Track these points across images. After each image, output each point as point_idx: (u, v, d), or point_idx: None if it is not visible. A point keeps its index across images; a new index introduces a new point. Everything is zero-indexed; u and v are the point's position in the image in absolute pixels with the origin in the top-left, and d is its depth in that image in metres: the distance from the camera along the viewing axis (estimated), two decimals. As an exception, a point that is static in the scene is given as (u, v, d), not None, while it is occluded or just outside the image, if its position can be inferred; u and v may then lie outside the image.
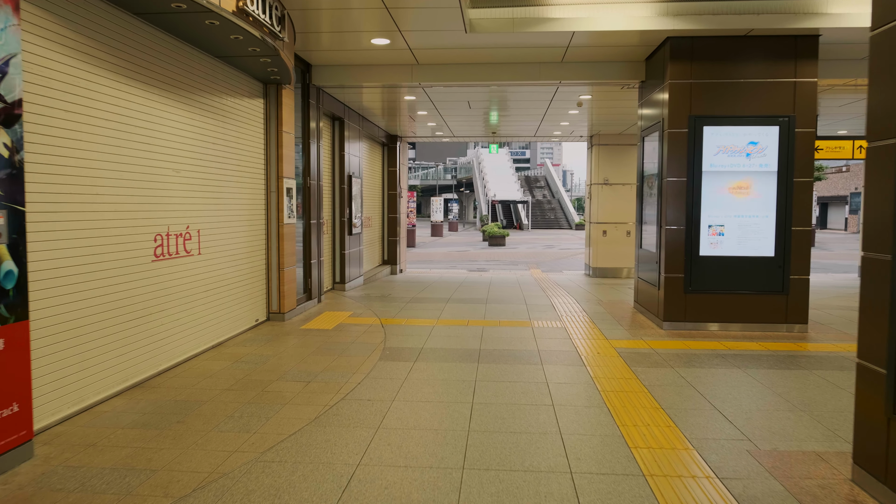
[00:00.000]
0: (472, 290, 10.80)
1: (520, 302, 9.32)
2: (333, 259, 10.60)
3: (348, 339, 6.60)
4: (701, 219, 7.08)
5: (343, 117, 10.39)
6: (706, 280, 7.10)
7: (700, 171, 7.05)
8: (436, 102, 10.32)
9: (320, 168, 9.09)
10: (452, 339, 6.64)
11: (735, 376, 5.22)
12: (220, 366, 5.48)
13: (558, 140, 15.50)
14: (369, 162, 13.27)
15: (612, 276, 13.95)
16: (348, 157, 10.70)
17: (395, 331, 7.07)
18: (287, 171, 7.62)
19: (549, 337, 6.78)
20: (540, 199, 56.64)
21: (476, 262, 19.64)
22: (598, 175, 14.15)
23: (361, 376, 5.17)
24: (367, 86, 8.74)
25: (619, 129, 13.27)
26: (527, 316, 8.10)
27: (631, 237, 14.08)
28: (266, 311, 7.57)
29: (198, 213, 5.85)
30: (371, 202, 13.51)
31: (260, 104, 7.33)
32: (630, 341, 6.58)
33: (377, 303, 9.23)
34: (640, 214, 8.38)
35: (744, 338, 6.77)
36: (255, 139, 7.22)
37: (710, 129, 7.03)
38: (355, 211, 11.01)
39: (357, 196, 11.14)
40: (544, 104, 10.38)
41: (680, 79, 7.05)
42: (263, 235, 7.43)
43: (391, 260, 14.66)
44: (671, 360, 5.74)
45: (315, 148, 8.86)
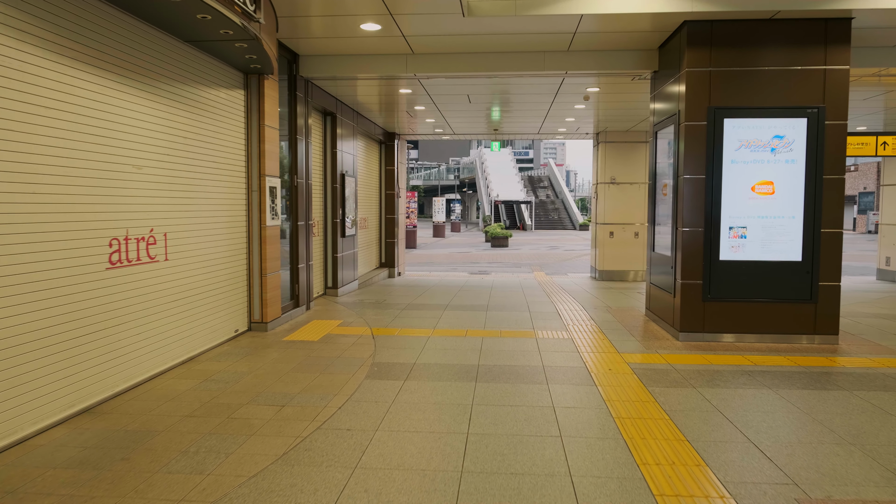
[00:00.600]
0: (473, 295, 10.20)
1: (523, 309, 8.72)
2: (325, 263, 10.01)
3: (334, 353, 6.01)
4: (721, 220, 6.46)
5: (335, 112, 9.80)
6: (727, 287, 6.48)
7: (720, 168, 6.44)
8: (434, 97, 9.72)
9: (309, 166, 8.51)
10: (449, 352, 6.05)
11: (766, 399, 4.61)
12: (187, 385, 4.89)
13: (563, 138, 14.89)
14: (365, 160, 12.69)
15: (619, 279, 13.33)
16: (341, 154, 10.11)
17: (386, 343, 6.48)
18: (270, 168, 7.03)
19: (554, 350, 6.17)
20: (543, 200, 56.01)
21: (478, 263, 19.04)
22: (605, 174, 13.54)
23: (343, 399, 4.57)
24: (359, 77, 8.16)
25: (627, 125, 12.66)
26: (530, 325, 7.49)
27: (639, 239, 13.46)
28: (247, 320, 6.98)
29: (165, 214, 5.27)
30: (367, 202, 12.93)
31: (240, 96, 6.75)
32: (644, 355, 5.97)
33: (370, 310, 8.64)
34: (653, 215, 7.77)
35: (769, 351, 6.16)
36: (235, 134, 6.64)
37: (731, 121, 6.41)
38: (349, 211, 10.42)
39: (351, 196, 10.56)
40: (549, 98, 9.77)
41: (698, 67, 6.44)
42: (244, 238, 6.85)
43: (389, 263, 14.07)
44: (692, 379, 5.13)
45: (303, 144, 8.27)
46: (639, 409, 4.35)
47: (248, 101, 6.87)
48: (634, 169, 13.50)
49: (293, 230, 8.05)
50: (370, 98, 9.99)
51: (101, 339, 4.44)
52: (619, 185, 13.54)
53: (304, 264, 8.29)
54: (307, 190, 8.43)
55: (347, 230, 10.35)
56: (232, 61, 6.30)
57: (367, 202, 12.96)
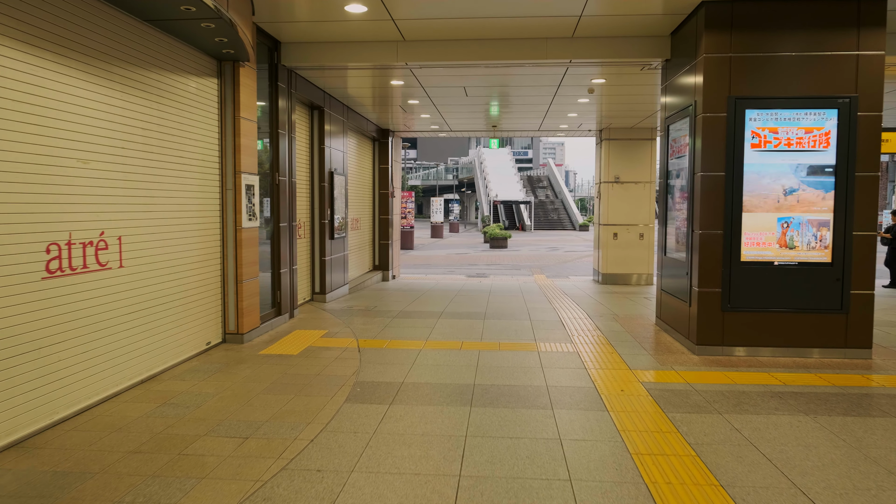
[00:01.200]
0: (470, 300, 9.60)
1: (523, 316, 8.11)
2: (312, 267, 9.39)
3: (313, 370, 5.40)
4: (742, 221, 5.86)
5: (323, 106, 9.19)
6: (748, 295, 5.88)
7: (741, 164, 5.84)
8: (428, 89, 9.12)
9: (293, 163, 7.90)
10: (441, 369, 5.44)
11: (805, 428, 4.00)
12: (140, 411, 4.28)
13: (564, 135, 14.28)
14: (357, 158, 12.08)
15: (623, 282, 12.73)
16: (329, 151, 9.50)
17: (372, 357, 5.87)
18: (247, 164, 6.42)
19: (559, 366, 5.57)
20: (543, 200, 55.41)
21: (476, 265, 18.44)
22: (608, 172, 12.94)
23: (317, 428, 3.96)
24: (345, 67, 7.55)
25: (632, 121, 12.05)
26: (531, 336, 6.88)
27: (644, 241, 12.86)
28: (221, 331, 6.37)
29: (119, 215, 4.66)
30: (359, 202, 12.32)
31: (213, 85, 6.14)
32: (659, 372, 5.37)
33: (359, 318, 8.02)
34: (664, 215, 7.16)
35: (796, 367, 5.56)
36: (207, 126, 6.03)
37: (753, 112, 5.81)
38: (338, 212, 9.81)
39: (341, 195, 9.95)
40: (550, 91, 9.17)
41: (717, 52, 5.84)
42: (218, 242, 6.24)
43: (382, 265, 13.46)
44: (716, 402, 4.52)
45: (286, 139, 7.66)
46: (659, 441, 3.75)
47: (222, 90, 6.25)
48: (639, 167, 12.91)
49: (275, 232, 7.43)
50: (360, 91, 9.38)
51: (36, 360, 3.83)
52: (623, 184, 12.94)
53: (287, 269, 7.68)
54: (291, 189, 7.82)
55: (336, 231, 9.74)
56: (202, 45, 5.69)
57: (360, 202, 12.35)
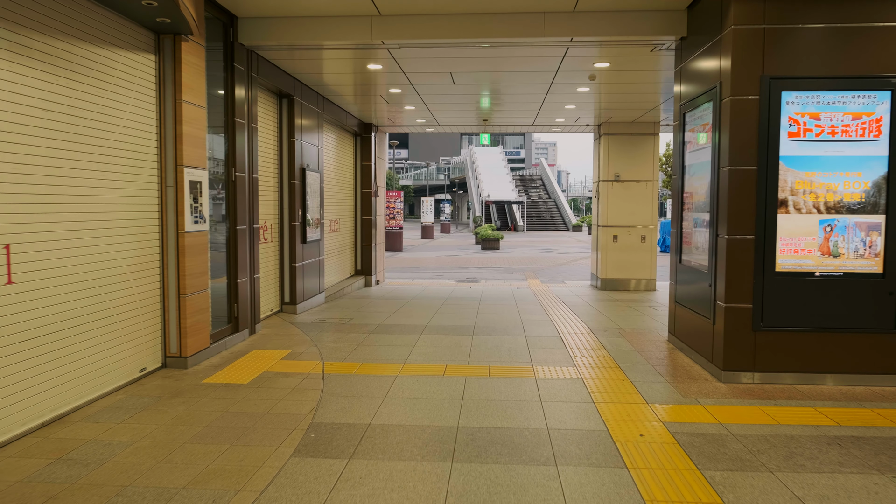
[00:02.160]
0: (458, 310, 8.65)
1: (517, 331, 7.17)
2: (281, 274, 8.41)
3: (263, 406, 4.43)
4: (778, 223, 4.95)
5: (293, 94, 8.21)
6: (785, 311, 4.96)
7: (776, 156, 4.92)
8: (410, 76, 8.16)
9: (254, 157, 6.92)
10: (419, 404, 4.48)
11: (889, 496, 3.07)
12: (22, 473, 3.30)
13: (560, 130, 13.37)
14: (337, 154, 11.10)
15: (623, 288, 11.82)
16: (301, 145, 8.53)
17: (337, 387, 4.91)
18: (191, 156, 5.44)
19: (561, 398, 4.63)
20: (535, 200, 54.59)
21: (467, 269, 17.49)
22: (608, 170, 12.03)
23: (249, 499, 3.00)
24: (311, 46, 6.58)
25: (634, 115, 11.14)
26: (527, 356, 5.94)
27: (647, 243, 11.95)
28: (161, 355, 5.39)
29: (7, 218, 3.68)
30: (339, 202, 11.34)
31: (149, 62, 5.16)
32: (682, 408, 4.43)
33: (330, 334, 7.05)
34: (679, 216, 6.25)
35: (845, 399, 4.64)
36: (141, 112, 5.05)
37: (791, 95, 4.90)
38: (311, 212, 8.84)
39: (314, 194, 8.97)
40: (547, 77, 8.23)
41: (748, 23, 4.92)
42: (156, 248, 5.26)
43: (365, 270, 12.48)
44: (762, 452, 3.59)
45: (246, 130, 6.68)
46: (701, 520, 2.81)
47: (161, 69, 5.27)
48: (641, 164, 12.00)
49: (231, 236, 6.45)
50: (335, 77, 8.41)
51: None
52: (623, 182, 12.03)
53: (246, 278, 6.70)
54: (251, 186, 6.84)
55: (309, 234, 8.76)
56: (128, 11, 4.71)
57: (340, 202, 11.37)
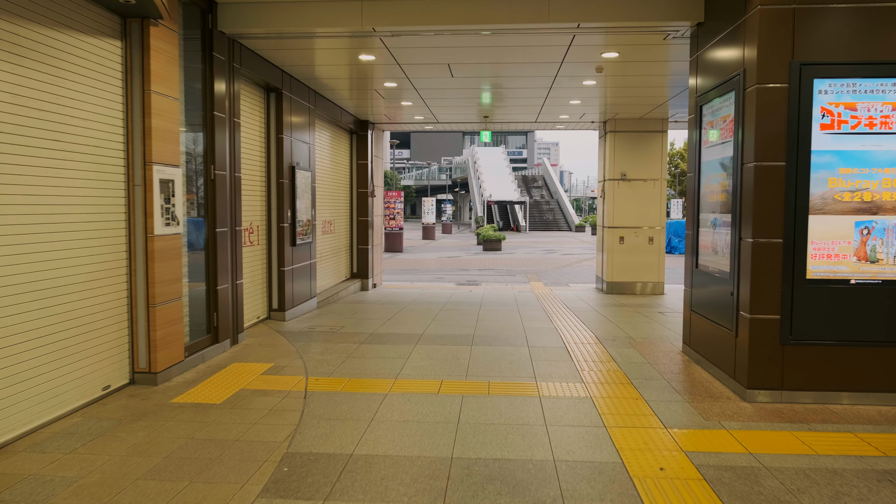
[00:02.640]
0: (457, 317, 8.17)
1: (519, 340, 6.69)
2: (269, 279, 7.93)
3: (234, 431, 3.95)
4: (809, 225, 4.46)
5: (281, 88, 7.74)
6: (817, 323, 4.47)
7: (808, 151, 4.43)
8: (405, 67, 7.68)
9: (236, 154, 6.44)
10: (409, 428, 4.00)
11: (961, 552, 2.59)
12: (-58, 518, 2.84)
13: (564, 127, 12.87)
14: (331, 152, 10.63)
15: (629, 291, 11.33)
16: (291, 142, 8.05)
17: (320, 407, 4.43)
18: (162, 153, 4.96)
19: (568, 422, 4.14)
20: (538, 200, 54.11)
21: (467, 270, 17.01)
22: (614, 169, 11.54)
23: (199, 557, 2.52)
24: (297, 34, 6.10)
25: (641, 111, 10.65)
26: (530, 370, 5.46)
27: (654, 245, 11.46)
28: (129, 370, 4.91)
29: (-65, 220, 3.21)
30: (333, 203, 10.87)
31: (114, 48, 4.69)
32: (706, 433, 3.94)
33: (319, 344, 6.57)
34: (695, 217, 5.76)
35: (887, 422, 4.15)
36: (105, 103, 4.58)
37: (824, 83, 4.40)
38: (302, 213, 8.36)
39: (305, 194, 8.50)
40: (551, 70, 7.75)
41: (776, 3, 4.43)
42: (122, 254, 4.79)
43: (361, 273, 12.00)
44: (803, 492, 3.10)
45: (227, 125, 6.21)
46: (741, 586, 2.32)
47: (128, 56, 4.80)
48: (648, 163, 11.51)
49: (210, 239, 5.98)
50: (325, 70, 7.93)
51: None
52: (630, 181, 11.54)
53: (227, 284, 6.23)
54: (233, 186, 6.37)
55: (300, 236, 8.28)
56: (87, -9, 4.24)
57: (334, 203, 10.90)
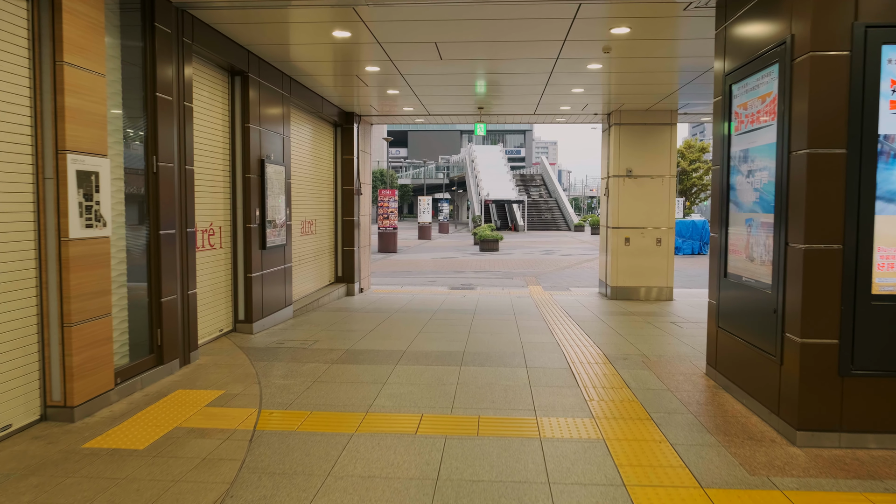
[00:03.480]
0: (447, 328, 7.30)
1: (516, 360, 5.82)
2: (234, 286, 7.04)
3: (146, 495, 3.07)
4: (875, 228, 3.59)
5: (246, 71, 6.85)
6: (886, 349, 3.61)
7: (874, 134, 3.57)
8: (386, 47, 6.80)
9: (187, 143, 5.56)
10: (373, 491, 3.12)
11: None
12: None
13: (565, 120, 11.99)
14: (312, 146, 9.75)
15: (636, 297, 10.47)
16: (259, 133, 7.17)
17: (266, 455, 3.55)
18: (80, 139, 4.08)
19: (578, 480, 3.27)
20: (536, 199, 53.24)
21: (463, 272, 16.15)
22: (618, 165, 10.67)
23: None
24: (260, 3, 5.22)
25: (649, 101, 9.79)
26: (528, 400, 4.59)
27: (663, 247, 10.60)
28: (40, 404, 4.03)
29: None
30: (315, 201, 9.99)
31: (17, 10, 3.81)
32: (752, 495, 3.07)
33: (284, 364, 5.69)
34: (723, 216, 4.89)
35: (979, 475, 3.29)
36: (7, 75, 3.70)
37: (895, 50, 3.55)
38: (274, 212, 7.48)
39: (278, 191, 7.62)
40: (553, 51, 6.87)
41: (835, -50, 3.56)
42: (31, 261, 3.91)
43: (347, 277, 11.12)
44: None
45: (176, 109, 5.33)
46: None
47: (35, 19, 3.92)
48: (656, 158, 10.65)
49: (152, 242, 5.09)
50: (297, 51, 7.03)
51: None
52: (636, 178, 10.68)
53: (175, 295, 5.34)
54: (184, 180, 5.48)
55: (270, 238, 7.40)
56: (-32, -69, 3.36)
57: (316, 201, 10.02)
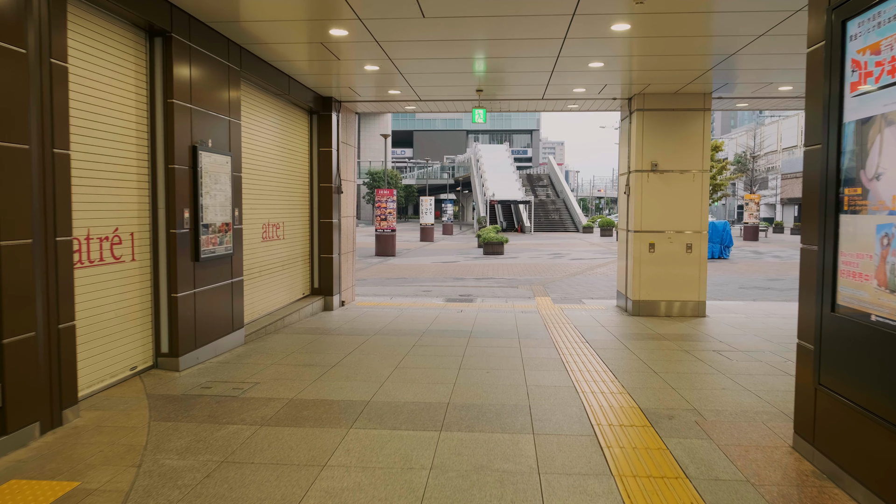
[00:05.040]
0: (431, 362, 5.73)
1: (519, 420, 4.23)
2: (156, 310, 5.46)
3: None
4: None
5: (169, 30, 5.28)
6: None
7: None
8: (352, 1, 5.22)
9: (57, 117, 4.00)
10: None
11: None
12: None
13: (578, 107, 10.38)
14: (278, 135, 8.20)
15: (661, 312, 8.88)
16: (191, 112, 5.61)
17: None
18: None
19: None
20: (543, 199, 51.63)
21: (463, 280, 14.57)
22: (641, 158, 9.08)
23: None
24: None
25: (679, 81, 8.19)
26: (537, 496, 3.00)
27: (694, 254, 9.00)
28: None
29: None
30: (285, 200, 8.45)
31: None
32: None
33: (194, 427, 4.11)
34: (825, 222, 3.28)
35: None
36: None
37: None
38: (214, 214, 5.93)
39: (220, 186, 6.07)
40: (567, 7, 5.29)
41: None
42: None
43: (325, 288, 9.55)
44: None
45: (33, 66, 3.78)
46: None
47: None
48: (686, 150, 9.05)
49: (-7, 259, 3.54)
50: (246, 7, 5.46)
51: None
52: (662, 173, 9.08)
53: (35, 332, 3.79)
54: (50, 169, 3.93)
55: (207, 247, 5.85)
56: None
57: (285, 200, 8.48)
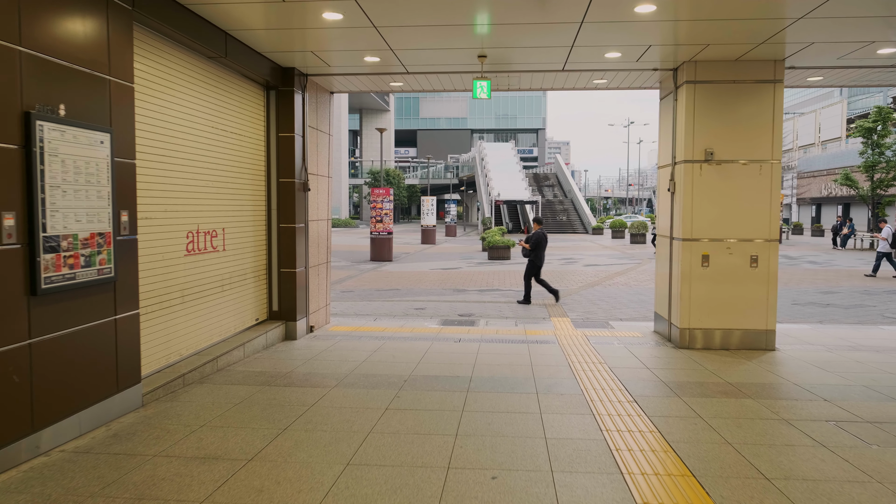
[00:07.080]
0: (407, 446, 3.64)
1: None
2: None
3: None
4: None
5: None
6: None
7: None
8: None
9: None
10: None
11: None
12: None
13: (606, 83, 8.23)
14: (213, 113, 6.14)
15: (717, 344, 6.80)
16: (20, 56, 3.55)
17: None
18: None
19: None
20: (550, 199, 49.48)
21: (465, 291, 12.48)
22: (692, 144, 6.99)
23: None
24: None
25: (744, 43, 6.10)
26: None
27: (760, 269, 6.91)
28: None
29: None
30: (223, 199, 6.38)
31: None
32: None
33: None
34: None
35: None
36: None
37: None
38: (66, 221, 3.86)
39: (87, 179, 4.00)
40: None
41: None
42: None
43: (286, 312, 7.47)
44: None
45: None
46: None
47: None
48: (752, 134, 6.96)
49: None
50: None
51: None
52: (719, 165, 6.99)
53: None
54: None
55: (56, 271, 3.78)
56: None
57: (226, 199, 6.41)
